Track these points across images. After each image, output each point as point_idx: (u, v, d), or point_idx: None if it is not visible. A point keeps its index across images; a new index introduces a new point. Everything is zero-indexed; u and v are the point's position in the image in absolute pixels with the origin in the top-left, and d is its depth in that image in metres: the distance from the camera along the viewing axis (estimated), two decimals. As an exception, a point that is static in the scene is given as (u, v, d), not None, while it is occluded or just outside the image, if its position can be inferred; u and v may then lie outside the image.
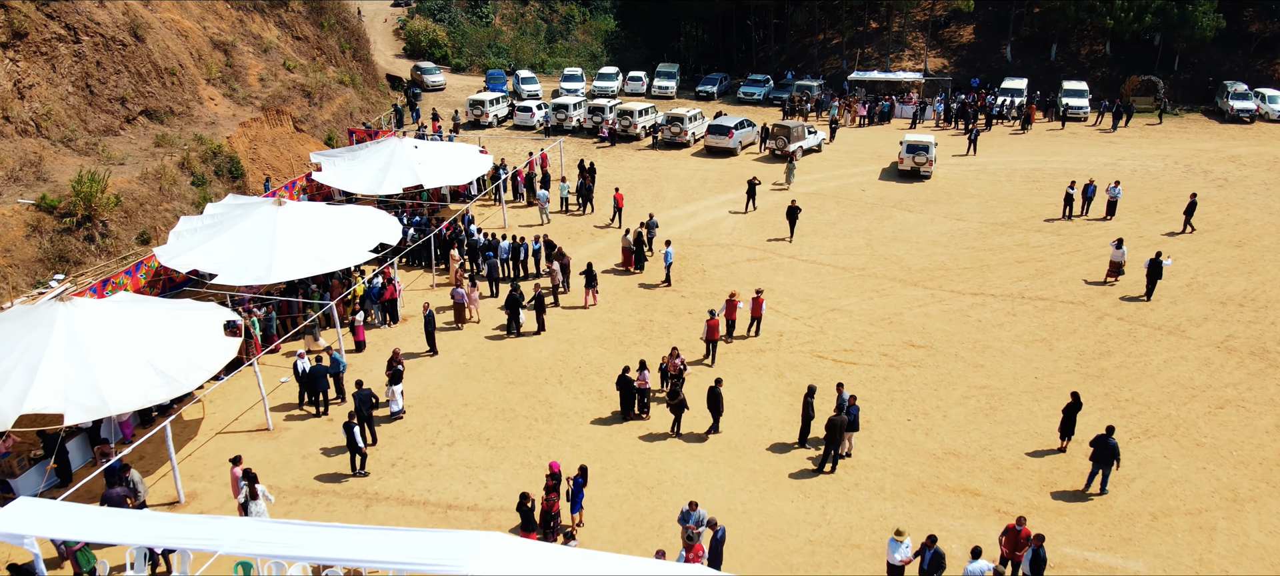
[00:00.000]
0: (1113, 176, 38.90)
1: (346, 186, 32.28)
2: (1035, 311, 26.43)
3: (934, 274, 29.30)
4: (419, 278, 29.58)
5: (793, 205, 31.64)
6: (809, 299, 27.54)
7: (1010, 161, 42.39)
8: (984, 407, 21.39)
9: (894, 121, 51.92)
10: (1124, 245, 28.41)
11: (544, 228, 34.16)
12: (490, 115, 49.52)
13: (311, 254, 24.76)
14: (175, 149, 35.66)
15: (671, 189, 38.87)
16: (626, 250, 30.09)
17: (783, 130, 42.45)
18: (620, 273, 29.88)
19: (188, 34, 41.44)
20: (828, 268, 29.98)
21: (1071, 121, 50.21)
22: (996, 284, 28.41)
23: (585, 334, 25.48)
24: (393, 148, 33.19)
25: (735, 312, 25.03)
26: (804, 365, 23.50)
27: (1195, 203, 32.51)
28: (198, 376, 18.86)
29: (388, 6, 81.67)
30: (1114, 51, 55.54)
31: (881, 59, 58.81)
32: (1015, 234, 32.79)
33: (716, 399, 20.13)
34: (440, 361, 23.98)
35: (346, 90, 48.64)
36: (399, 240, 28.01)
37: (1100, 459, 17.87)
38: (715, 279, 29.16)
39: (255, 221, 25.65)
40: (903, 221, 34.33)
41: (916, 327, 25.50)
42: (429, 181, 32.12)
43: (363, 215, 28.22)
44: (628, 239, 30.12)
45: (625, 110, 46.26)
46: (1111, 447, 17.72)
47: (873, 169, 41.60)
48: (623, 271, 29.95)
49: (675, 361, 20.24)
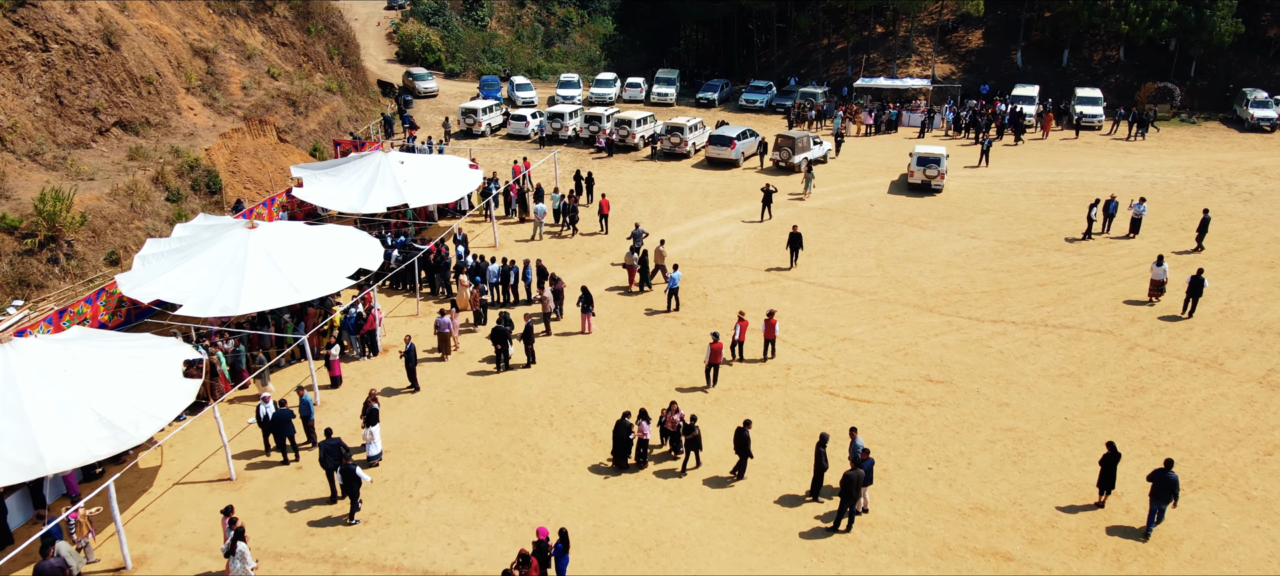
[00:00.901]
0: (1132, 190, 37.21)
1: (328, 204, 30.55)
2: (1060, 341, 24.69)
3: (950, 298, 27.56)
4: (401, 304, 27.83)
5: (794, 232, 29.56)
6: (818, 327, 25.80)
7: (1025, 174, 40.66)
8: (1011, 453, 19.65)
9: (901, 130, 50.15)
10: (1165, 263, 26.84)
11: (537, 244, 32.43)
12: (483, 124, 47.76)
13: (284, 282, 23.01)
14: (150, 162, 33.94)
15: (671, 203, 37.13)
16: (630, 267, 28.61)
17: (787, 141, 40.72)
18: (621, 293, 28.18)
19: (166, 41, 39.70)
20: (837, 291, 28.24)
21: (1085, 130, 48.45)
22: (1017, 310, 26.68)
23: (579, 367, 23.73)
24: (377, 163, 31.47)
25: (745, 334, 23.63)
26: (814, 403, 21.76)
27: (1208, 219, 30.81)
28: (149, 426, 17.12)
29: (381, 10, 79.91)
30: (1128, 57, 53.82)
31: (887, 65, 57.08)
32: (1034, 254, 31.06)
33: (744, 441, 18.44)
34: (422, 399, 22.24)
35: (334, 98, 46.90)
36: (380, 265, 26.25)
37: (1159, 494, 16.74)
38: (718, 304, 27.43)
39: (225, 246, 23.92)
40: (915, 239, 32.60)
41: (934, 360, 23.77)
42: (414, 199, 30.40)
43: (342, 237, 26.47)
44: (632, 256, 28.68)
45: (623, 119, 44.53)
46: (1171, 481, 16.62)
47: (881, 182, 39.87)
48: (624, 292, 28.25)
49: (674, 417, 18.42)
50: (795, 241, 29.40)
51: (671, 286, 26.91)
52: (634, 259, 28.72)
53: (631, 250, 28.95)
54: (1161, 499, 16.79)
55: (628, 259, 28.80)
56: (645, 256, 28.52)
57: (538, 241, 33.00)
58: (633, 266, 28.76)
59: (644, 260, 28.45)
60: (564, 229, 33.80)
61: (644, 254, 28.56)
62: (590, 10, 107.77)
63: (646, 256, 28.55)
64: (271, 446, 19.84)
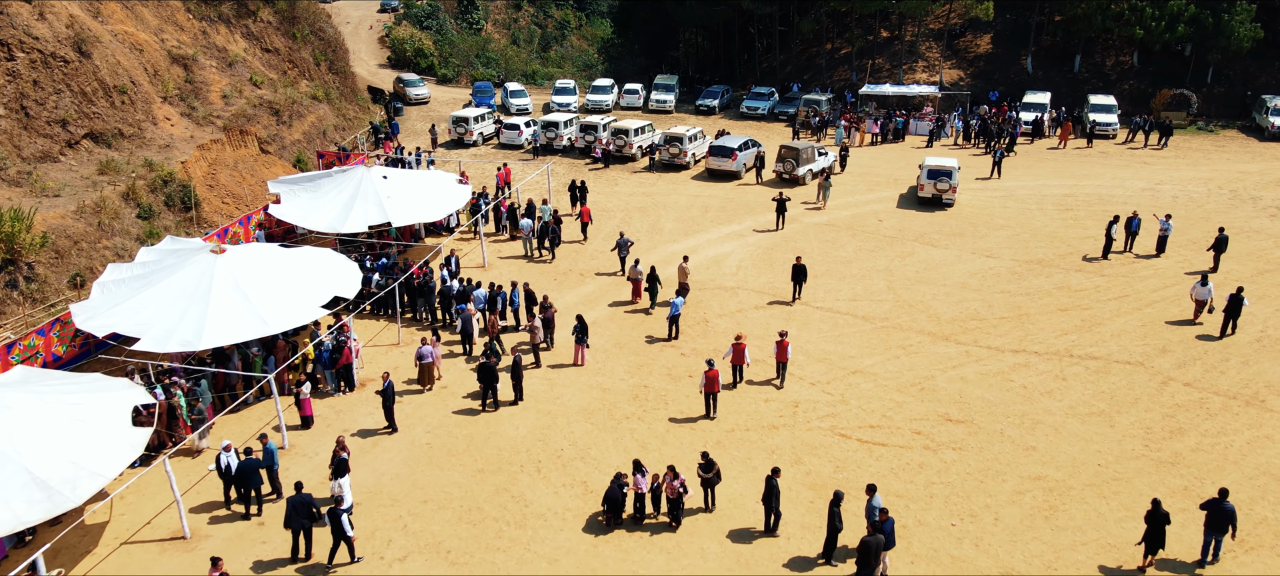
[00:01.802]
0: (1152, 203, 35.52)
1: (305, 222, 28.84)
2: (1088, 375, 22.97)
3: (967, 325, 25.85)
4: (382, 331, 26.10)
5: (798, 264, 27.18)
6: (827, 358, 24.09)
7: (1039, 186, 38.94)
8: (1042, 506, 17.94)
9: (908, 139, 48.41)
10: (1209, 282, 25.45)
11: (528, 265, 30.73)
12: (475, 133, 46.03)
13: (252, 313, 21.31)
14: (122, 177, 32.23)
15: (670, 218, 35.41)
16: (635, 281, 27.27)
17: (791, 152, 39.01)
18: (626, 310, 26.51)
19: (143, 48, 37.98)
20: (846, 317, 26.53)
21: (1099, 139, 46.74)
22: (1039, 338, 24.97)
23: (570, 404, 22.01)
24: (359, 178, 29.78)
25: (742, 358, 22.24)
26: (824, 447, 20.04)
27: (1225, 238, 29.12)
28: (88, 486, 15.40)
29: (374, 12, 78.21)
30: (1142, 63, 52.12)
31: (893, 71, 55.37)
32: (1053, 274, 29.35)
33: (774, 493, 16.76)
34: (399, 441, 20.52)
35: (320, 106, 45.17)
36: (359, 291, 24.53)
37: (1215, 525, 15.83)
38: (719, 332, 25.72)
39: (189, 273, 22.23)
40: (926, 259, 30.89)
41: (952, 396, 22.05)
42: (398, 218, 28.70)
43: (317, 261, 24.77)
44: (636, 270, 27.34)
45: (620, 129, 42.81)
46: (1228, 511, 15.72)
47: (889, 195, 38.16)
48: (628, 307, 26.59)
49: (673, 484, 16.61)
50: (799, 274, 27.02)
51: (673, 313, 25.28)
52: (638, 272, 27.36)
53: (635, 264, 27.62)
54: (1218, 530, 15.86)
55: (632, 272, 27.38)
56: (654, 273, 27.06)
57: (528, 260, 31.29)
58: (638, 280, 27.34)
59: (652, 276, 26.99)
60: (541, 252, 31.65)
61: (652, 270, 27.06)
62: (588, 12, 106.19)
63: (655, 273, 27.09)
64: (233, 498, 18.13)
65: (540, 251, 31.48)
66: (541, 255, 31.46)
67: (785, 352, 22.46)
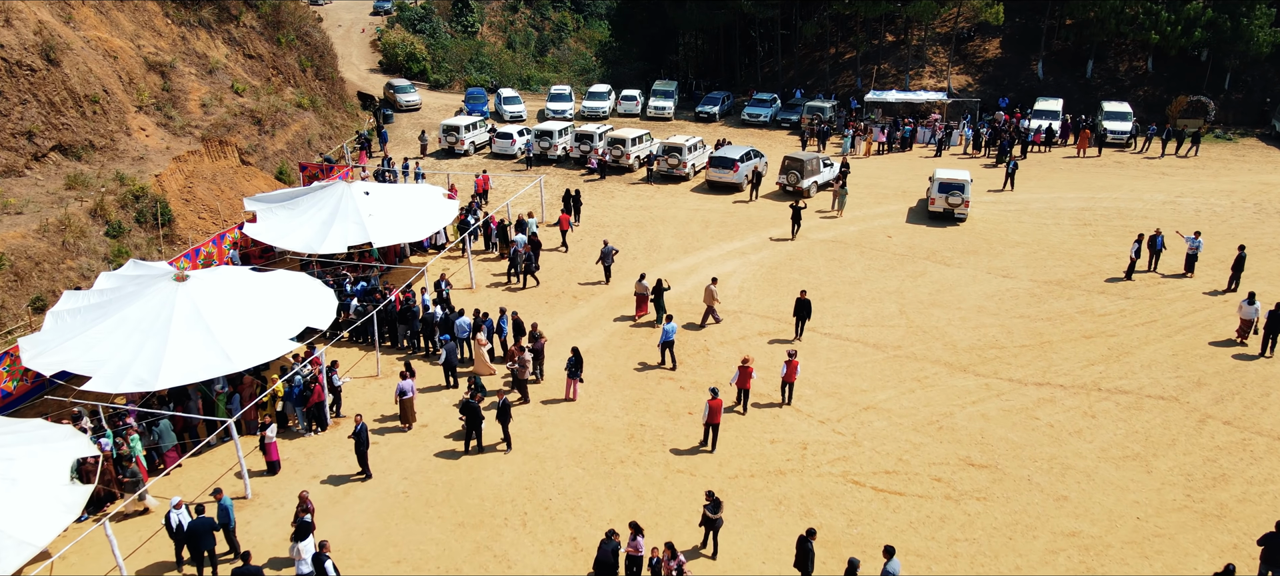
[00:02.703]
0: (1174, 217, 33.91)
1: (281, 242, 27.17)
2: (1119, 411, 21.30)
3: (985, 354, 24.18)
4: (360, 361, 24.40)
5: (802, 299, 24.73)
6: (837, 392, 22.41)
7: (1054, 199, 37.27)
8: (1078, 568, 16.26)
9: (915, 148, 46.72)
10: (1257, 300, 24.08)
11: (517, 285, 29.06)
12: (466, 143, 44.32)
13: (215, 348, 19.63)
14: (90, 191, 30.58)
15: (668, 234, 33.73)
16: (641, 296, 26.04)
17: (795, 163, 37.34)
18: (631, 325, 24.88)
19: (117, 55, 36.28)
20: (856, 345, 24.86)
21: (1113, 147, 45.06)
22: (1064, 369, 23.29)
23: (560, 446, 20.33)
24: (339, 195, 28.11)
25: (749, 381, 21.07)
26: (836, 496, 18.37)
27: (1244, 257, 27.49)
28: (15, 556, 13.72)
29: (366, 15, 76.53)
30: (1156, 68, 50.44)
31: (899, 76, 53.68)
32: (1075, 297, 27.68)
33: (807, 555, 15.16)
34: (374, 489, 18.84)
35: (305, 114, 43.48)
36: (333, 320, 22.85)
37: (1273, 560, 15.23)
38: (721, 361, 24.05)
39: (148, 303, 20.55)
40: (939, 279, 29.22)
41: (974, 436, 20.38)
42: (380, 238, 27.04)
43: (290, 287, 23.08)
44: (642, 285, 26.10)
45: (617, 138, 41.12)
46: None
47: (897, 208, 36.48)
48: (631, 322, 24.98)
49: (670, 564, 14.84)
50: (802, 310, 24.81)
51: (664, 339, 23.76)
52: (643, 286, 26.11)
53: (641, 278, 26.31)
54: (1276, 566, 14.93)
55: (638, 287, 26.11)
56: (660, 285, 25.73)
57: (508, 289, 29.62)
58: (644, 295, 26.08)
59: (659, 291, 25.66)
60: (513, 278, 29.43)
61: (659, 283, 25.78)
62: (586, 14, 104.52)
63: (661, 285, 25.77)
64: (185, 559, 16.45)
65: (517, 277, 29.26)
66: (514, 282, 29.23)
67: (795, 372, 21.43)
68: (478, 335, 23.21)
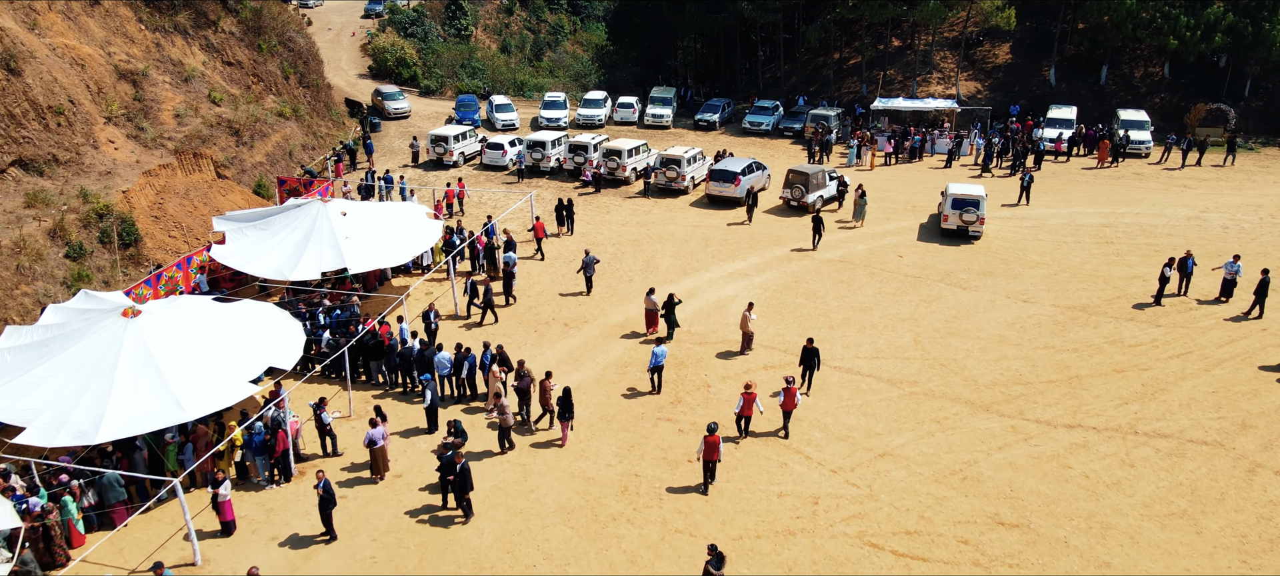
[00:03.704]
0: (1199, 234, 32.12)
1: (250, 268, 25.29)
2: (1159, 458, 19.45)
3: (1009, 391, 22.32)
4: (334, 399, 22.49)
5: (809, 347, 21.98)
6: (850, 435, 20.54)
7: (1073, 214, 35.40)
8: (1127, 652, 14.44)
9: (924, 159, 44.82)
10: None
11: (508, 309, 27.21)
12: (455, 153, 42.42)
13: (165, 394, 17.79)
14: (51, 209, 28.73)
15: (666, 253, 31.86)
16: (651, 312, 25.10)
17: (800, 177, 35.48)
18: (640, 340, 23.05)
19: (85, 62, 34.37)
20: (869, 380, 22.99)
21: (1131, 158, 43.20)
22: (1096, 409, 21.44)
23: (546, 500, 18.46)
24: (314, 215, 26.26)
25: (752, 409, 19.86)
26: (852, 561, 16.51)
27: (1268, 281, 25.67)
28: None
29: (357, 19, 74.64)
30: (1173, 74, 48.60)
31: (906, 82, 51.81)
32: (1102, 324, 25.83)
33: None
34: (337, 554, 16.98)
35: (287, 124, 41.59)
36: (300, 357, 20.98)
37: None
38: (723, 398, 22.21)
39: (95, 342, 18.72)
40: (956, 304, 27.37)
41: (1001, 488, 18.53)
42: (356, 263, 25.17)
43: (253, 320, 21.22)
44: (651, 300, 25.10)
45: (613, 150, 39.24)
46: None
47: (908, 225, 34.62)
48: (640, 340, 23.11)
49: None
50: (810, 360, 22.06)
51: (654, 364, 22.24)
52: (653, 301, 24.95)
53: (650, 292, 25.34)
54: None
55: (648, 302, 25.10)
56: (671, 300, 24.87)
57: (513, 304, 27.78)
58: (654, 311, 24.94)
59: (670, 305, 24.78)
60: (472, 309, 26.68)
61: (670, 297, 24.95)
62: (583, 16, 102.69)
63: (672, 299, 24.90)
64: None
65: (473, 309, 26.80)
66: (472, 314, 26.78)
67: (794, 400, 20.21)
68: (494, 367, 21.35)
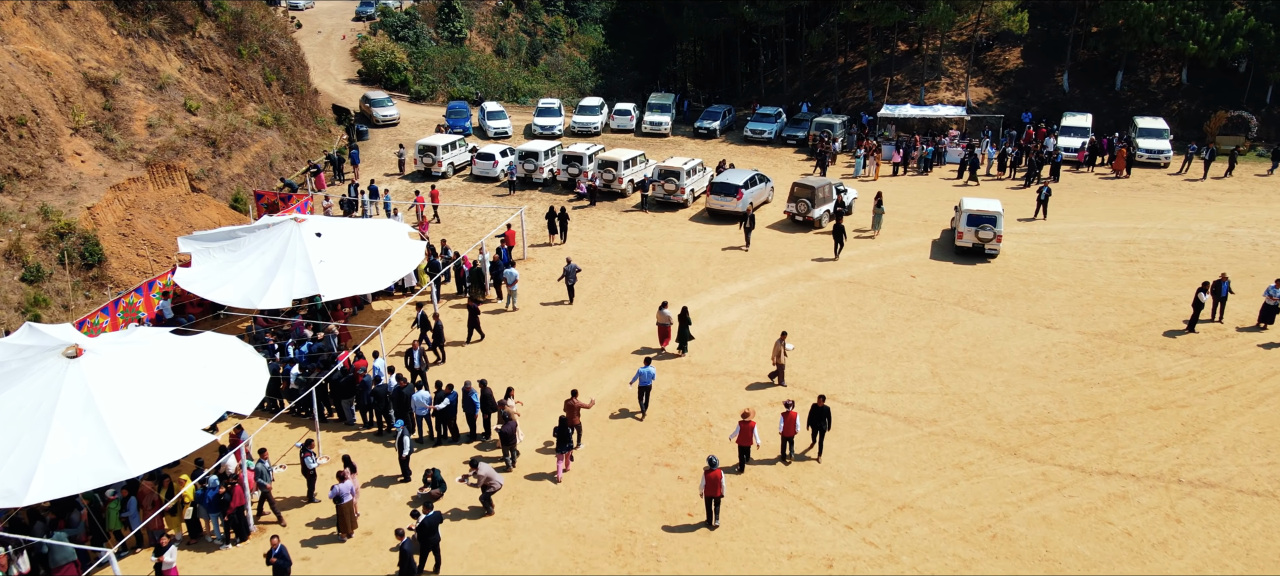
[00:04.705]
0: (1228, 251, 30.41)
1: (215, 294, 23.44)
2: (1207, 513, 17.66)
3: (1037, 431, 20.53)
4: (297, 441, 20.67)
5: (818, 406, 19.24)
6: (865, 484, 18.74)
7: (1093, 230, 33.62)
8: None
9: (934, 170, 43.00)
10: None
11: (511, 314, 25.40)
12: (444, 164, 40.60)
13: (105, 447, 15.94)
14: (9, 228, 26.95)
15: (665, 273, 30.06)
16: (663, 327, 24.13)
17: (805, 191, 33.69)
18: (656, 357, 21.32)
19: (51, 70, 32.53)
20: (885, 419, 21.19)
21: (1148, 168, 41.42)
22: (1133, 452, 19.64)
23: (530, 561, 16.65)
24: (287, 237, 24.43)
25: (751, 437, 18.60)
26: (874, 639, 14.71)
27: None
28: None
29: (348, 21, 72.84)
30: (1191, 80, 46.84)
31: (914, 88, 50.01)
32: (1133, 354, 24.04)
33: None
34: (296, 629, 15.16)
35: (268, 133, 39.77)
36: (263, 398, 19.15)
37: None
38: (725, 432, 20.39)
39: (31, 386, 16.87)
40: (974, 330, 25.58)
41: (1035, 548, 16.73)
42: (330, 289, 23.34)
43: (212, 356, 19.37)
44: (664, 314, 24.02)
45: (608, 161, 37.43)
46: None
47: (919, 241, 32.83)
48: (654, 356, 21.36)
49: None
50: (820, 420, 19.24)
51: (642, 383, 21.10)
52: (666, 316, 23.75)
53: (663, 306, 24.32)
54: None
55: (661, 316, 24.12)
56: (685, 314, 23.93)
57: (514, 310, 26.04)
58: (666, 325, 24.12)
59: (683, 318, 23.84)
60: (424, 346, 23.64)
61: (684, 310, 23.99)
62: (581, 19, 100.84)
63: (686, 313, 23.95)
64: None
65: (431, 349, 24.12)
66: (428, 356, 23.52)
67: (793, 426, 19.14)
68: (508, 403, 19.52)
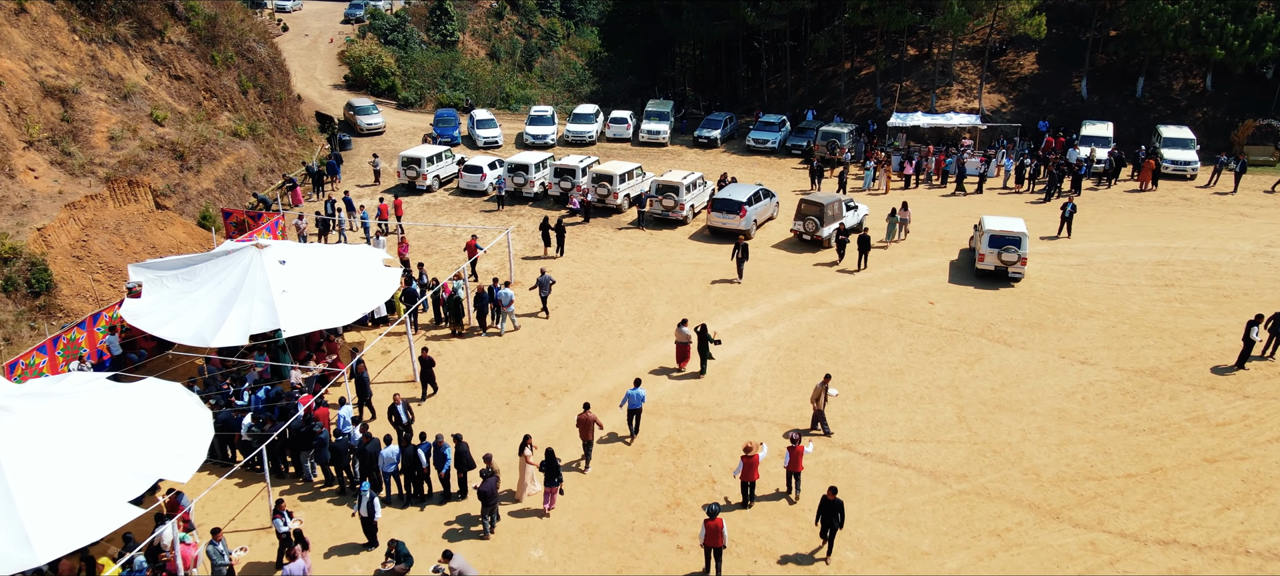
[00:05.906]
0: (1271, 274, 28.06)
1: (164, 331, 21.17)
2: (1284, 594, 15.43)
3: (1081, 489, 18.28)
4: (256, 500, 18.39)
5: (828, 500, 15.94)
6: (889, 556, 16.48)
7: (1122, 249, 31.37)
8: None
9: (946, 180, 40.73)
10: None
11: (510, 334, 23.12)
12: (429, 177, 38.32)
13: (12, 530, 13.70)
14: (-51, 253, 24.71)
15: (662, 299, 27.81)
16: (682, 345, 22.88)
17: (813, 208, 31.44)
18: (674, 376, 19.00)
19: (4, 79, 30.25)
20: (908, 472, 18.94)
21: (1174, 180, 39.19)
22: (1192, 516, 17.40)
23: (507, 658, 14.40)
24: (247, 264, 22.18)
25: (755, 473, 17.68)
26: None
27: None
28: None
29: (336, 24, 70.55)
30: (1215, 87, 44.61)
31: (924, 95, 47.77)
32: (1179, 394, 21.79)
33: None
34: None
35: (242, 144, 37.49)
36: (202, 461, 16.86)
37: None
38: (731, 490, 18.14)
39: (-66, 451, 14.57)
40: (1002, 366, 23.33)
41: (1091, 639, 14.48)
42: (292, 324, 21.07)
43: (151, 408, 17.11)
44: (683, 332, 22.81)
45: (603, 174, 35.16)
46: None
47: (937, 262, 30.58)
48: (674, 375, 19.07)
49: None
50: (831, 515, 16.03)
51: (632, 406, 19.72)
52: (685, 333, 22.81)
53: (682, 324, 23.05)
54: None
55: (679, 334, 22.88)
56: (704, 330, 22.85)
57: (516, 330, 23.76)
58: (685, 344, 22.88)
59: (702, 334, 22.75)
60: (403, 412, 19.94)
61: (702, 328, 22.93)
62: (577, 21, 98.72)
63: (706, 330, 22.87)
64: None
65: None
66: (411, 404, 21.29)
67: (800, 461, 17.87)
68: (524, 452, 17.62)
